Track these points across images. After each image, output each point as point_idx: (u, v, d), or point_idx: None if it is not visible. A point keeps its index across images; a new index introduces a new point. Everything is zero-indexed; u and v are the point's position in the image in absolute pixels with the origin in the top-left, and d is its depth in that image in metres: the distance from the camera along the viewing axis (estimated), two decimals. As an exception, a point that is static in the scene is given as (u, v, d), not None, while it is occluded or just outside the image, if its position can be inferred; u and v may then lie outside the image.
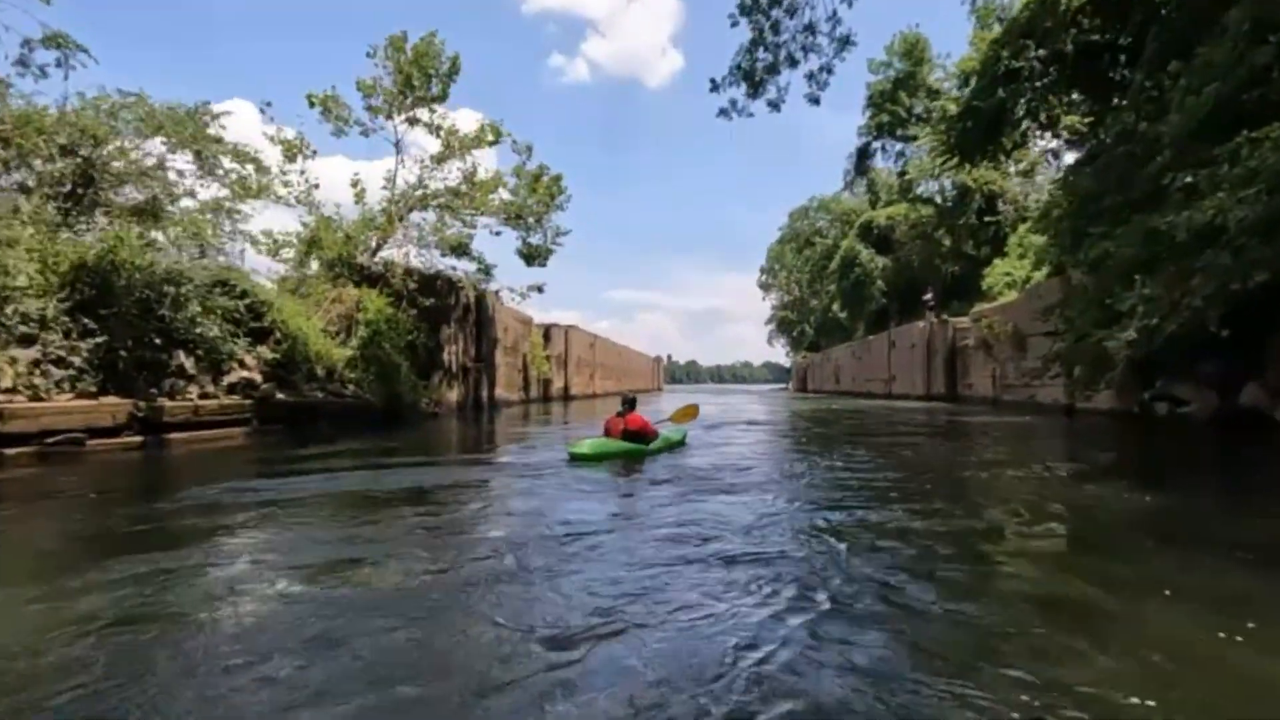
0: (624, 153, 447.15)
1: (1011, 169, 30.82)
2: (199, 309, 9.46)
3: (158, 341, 8.99)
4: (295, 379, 11.36)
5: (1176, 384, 13.33)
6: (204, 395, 9.32)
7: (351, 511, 4.82)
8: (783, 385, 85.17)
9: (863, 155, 38.06)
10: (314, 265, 16.30)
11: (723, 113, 15.71)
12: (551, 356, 30.42)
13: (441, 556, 3.51)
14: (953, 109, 19.32)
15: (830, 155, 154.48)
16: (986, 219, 31.00)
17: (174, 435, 8.65)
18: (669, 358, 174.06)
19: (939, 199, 33.54)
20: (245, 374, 10.11)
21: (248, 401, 9.99)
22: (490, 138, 17.66)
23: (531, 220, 19.41)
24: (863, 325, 40.15)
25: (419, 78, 17.13)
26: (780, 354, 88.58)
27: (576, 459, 6.96)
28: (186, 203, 12.87)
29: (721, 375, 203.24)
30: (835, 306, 43.60)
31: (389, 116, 17.99)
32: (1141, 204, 9.65)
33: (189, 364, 9.23)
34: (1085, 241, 10.50)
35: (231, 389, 9.85)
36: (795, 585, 2.96)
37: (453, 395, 18.09)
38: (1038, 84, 17.38)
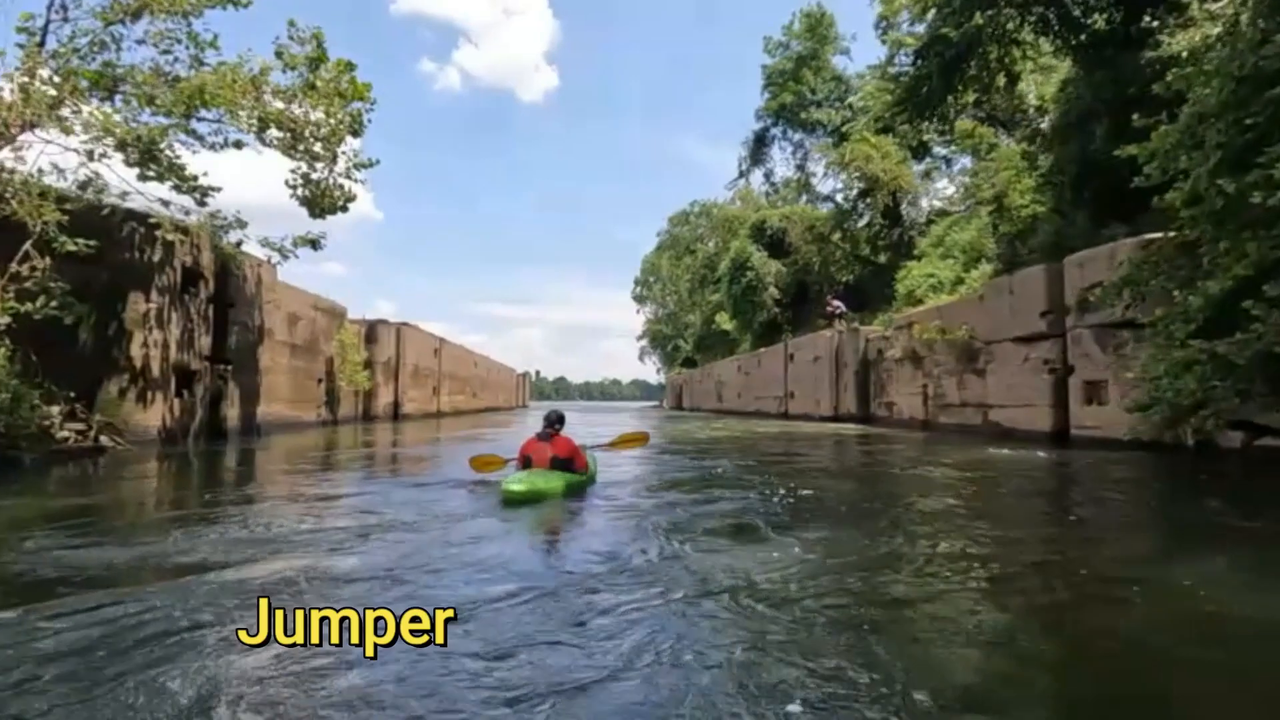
0: (497, 164, 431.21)
1: (916, 167, 28.19)
2: None
3: None
4: None
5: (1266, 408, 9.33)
6: None
7: None
8: (655, 403, 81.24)
9: (760, 142, 34.15)
10: None
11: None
12: (376, 363, 23.01)
13: None
14: (911, 43, 15.19)
15: (706, 180, 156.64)
16: (890, 220, 28.08)
17: None
18: (537, 373, 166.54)
19: (839, 198, 30.37)
20: None
21: None
22: (230, -14, 10.55)
23: (317, 145, 12.43)
24: (750, 338, 36.41)
25: None
26: (651, 371, 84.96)
27: (513, 499, 5.28)
28: None
29: (591, 393, 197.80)
30: (720, 317, 39.48)
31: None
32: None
33: None
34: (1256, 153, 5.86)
35: None
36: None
37: (153, 417, 10.62)
38: (1016, 10, 13.46)
